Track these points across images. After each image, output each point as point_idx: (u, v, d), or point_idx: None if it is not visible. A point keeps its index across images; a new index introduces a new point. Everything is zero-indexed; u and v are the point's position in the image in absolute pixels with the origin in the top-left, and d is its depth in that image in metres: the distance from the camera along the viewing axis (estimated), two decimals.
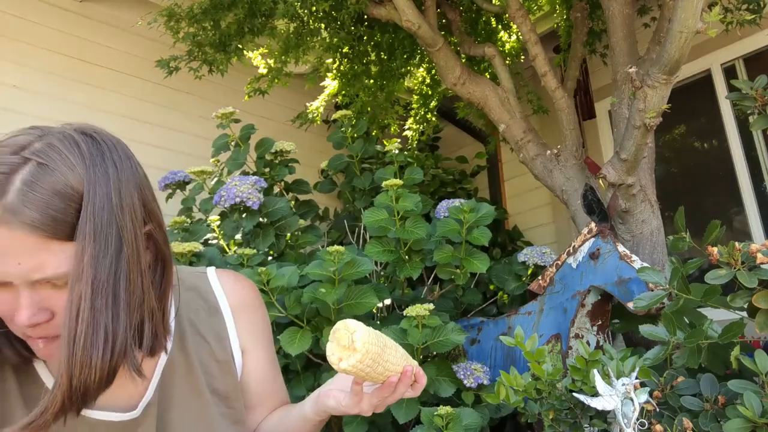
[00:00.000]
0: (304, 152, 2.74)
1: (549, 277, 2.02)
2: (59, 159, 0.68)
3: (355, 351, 0.74)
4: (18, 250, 0.65)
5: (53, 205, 0.66)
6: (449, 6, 2.85)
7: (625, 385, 1.01)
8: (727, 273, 1.12)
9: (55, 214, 0.66)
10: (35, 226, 0.65)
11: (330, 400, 0.85)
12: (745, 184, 2.95)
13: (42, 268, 0.66)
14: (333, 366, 0.75)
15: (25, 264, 0.66)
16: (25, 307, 0.68)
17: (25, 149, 0.68)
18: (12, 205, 0.64)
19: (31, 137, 0.70)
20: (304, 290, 1.87)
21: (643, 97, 1.74)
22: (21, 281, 0.67)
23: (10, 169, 0.66)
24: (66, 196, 0.67)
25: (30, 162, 0.67)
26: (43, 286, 0.69)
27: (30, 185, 0.65)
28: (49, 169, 0.67)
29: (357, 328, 0.75)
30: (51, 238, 0.66)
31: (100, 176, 0.69)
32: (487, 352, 2.15)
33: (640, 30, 2.67)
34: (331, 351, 0.76)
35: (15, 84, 2.81)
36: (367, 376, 0.77)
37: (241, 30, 2.46)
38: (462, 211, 2.08)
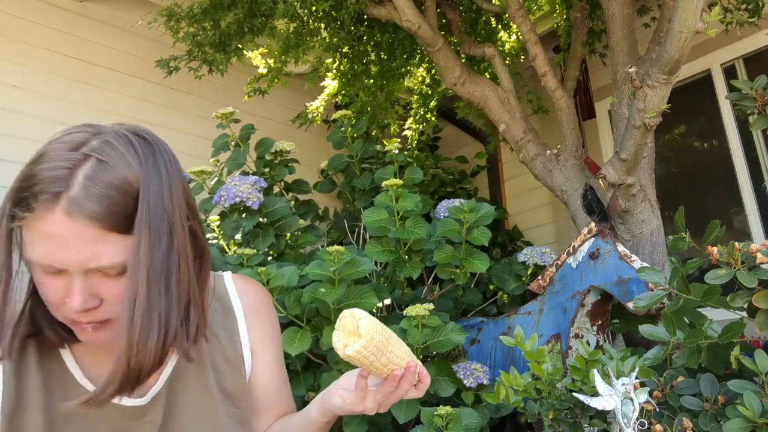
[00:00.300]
0: (304, 152, 2.74)
1: (549, 277, 2.02)
2: (117, 156, 0.73)
3: (360, 337, 0.75)
4: (78, 240, 0.70)
5: (113, 198, 0.70)
6: (449, 6, 2.85)
7: (625, 385, 1.01)
8: (727, 273, 1.12)
9: (114, 208, 0.71)
10: (96, 218, 0.69)
11: (335, 398, 0.86)
12: (745, 184, 2.95)
13: (98, 257, 0.71)
14: (339, 353, 0.77)
15: (84, 253, 0.70)
16: (78, 293, 0.72)
17: (83, 146, 0.73)
18: (76, 197, 0.69)
19: (87, 135, 0.74)
20: (304, 290, 1.87)
21: (643, 97, 1.74)
22: (77, 269, 0.71)
23: (72, 164, 0.70)
24: (124, 191, 0.71)
25: (90, 158, 0.71)
26: (95, 274, 0.73)
27: (92, 180, 0.70)
28: (108, 165, 0.71)
29: (362, 316, 0.77)
30: (109, 230, 0.71)
31: (153, 174, 0.74)
32: (487, 352, 2.15)
33: (640, 30, 2.67)
34: (337, 338, 0.78)
35: (15, 84, 2.81)
36: (371, 365, 0.78)
37: (240, 30, 2.46)
38: (462, 211, 2.08)
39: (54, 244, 0.70)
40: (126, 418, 0.83)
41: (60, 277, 0.73)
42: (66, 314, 0.75)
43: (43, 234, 0.70)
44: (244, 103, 3.00)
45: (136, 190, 0.72)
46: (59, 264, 0.71)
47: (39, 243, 0.71)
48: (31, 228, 0.71)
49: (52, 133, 2.66)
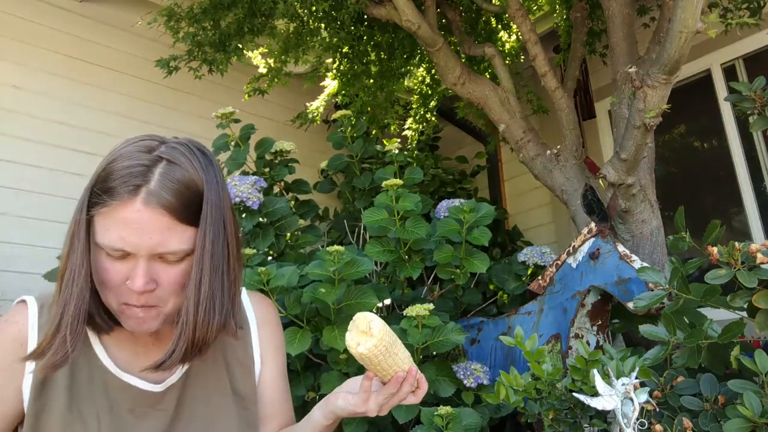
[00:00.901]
0: (304, 152, 2.74)
1: (549, 277, 2.02)
2: (184, 160, 0.84)
3: (372, 336, 0.83)
4: (153, 226, 0.80)
5: (184, 193, 0.82)
6: (449, 6, 2.85)
7: (625, 385, 1.01)
8: (727, 273, 1.12)
9: (185, 201, 0.82)
10: (169, 209, 0.80)
11: (339, 400, 0.93)
12: (745, 184, 2.95)
13: (166, 243, 0.81)
14: (351, 351, 0.85)
15: (155, 239, 0.80)
16: (141, 275, 0.81)
17: (155, 150, 0.84)
18: (154, 190, 0.80)
19: (156, 142, 0.86)
20: (304, 290, 1.87)
21: (643, 97, 1.74)
22: (145, 253, 0.81)
23: (150, 162, 0.82)
24: (191, 188, 0.83)
25: (163, 160, 0.83)
26: (156, 260, 0.82)
27: (167, 176, 0.81)
28: (178, 166, 0.83)
29: (374, 318, 0.85)
30: (178, 220, 0.81)
31: (211, 178, 0.86)
32: (487, 352, 2.15)
33: (640, 30, 2.67)
34: (350, 337, 0.86)
35: (15, 84, 2.81)
36: (379, 365, 0.85)
37: (240, 30, 2.46)
38: (462, 211, 2.07)
39: (130, 229, 0.79)
40: (141, 402, 0.90)
41: (124, 262, 0.82)
42: (122, 297, 0.83)
43: (121, 220, 0.80)
44: (244, 103, 2.99)
45: (200, 189, 0.84)
46: (131, 248, 0.80)
47: (115, 228, 0.80)
48: (109, 215, 0.80)
49: (52, 133, 2.70)
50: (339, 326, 1.81)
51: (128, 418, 0.89)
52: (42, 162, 2.80)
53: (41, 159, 2.80)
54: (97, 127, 3.03)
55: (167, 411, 0.91)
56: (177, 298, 0.86)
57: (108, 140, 3.02)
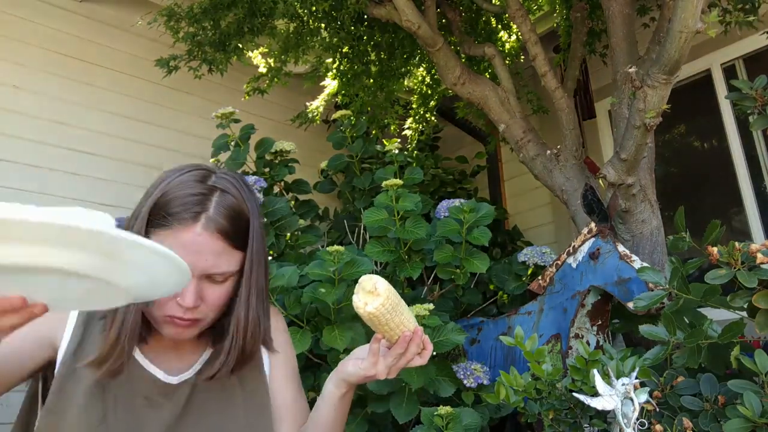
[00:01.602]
0: (304, 152, 2.74)
1: (549, 277, 2.02)
2: (234, 190, 0.95)
3: (378, 295, 0.87)
4: (209, 249, 0.89)
5: (235, 219, 0.92)
6: (449, 6, 2.85)
7: (625, 385, 1.01)
8: (727, 273, 1.12)
9: (236, 228, 0.92)
10: (224, 234, 0.90)
11: (349, 366, 0.98)
12: (745, 184, 2.94)
13: (218, 265, 0.91)
14: (359, 311, 0.89)
15: (210, 260, 0.90)
16: (191, 292, 0.89)
17: (207, 180, 0.95)
18: (213, 217, 0.90)
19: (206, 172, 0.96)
20: (304, 290, 1.87)
21: (643, 97, 1.74)
22: (198, 273, 0.89)
23: (207, 191, 0.92)
24: (242, 217, 0.94)
25: (217, 189, 0.93)
26: (205, 280, 0.91)
27: (222, 204, 0.92)
28: (230, 195, 0.94)
29: (379, 279, 0.89)
30: (230, 245, 0.92)
31: (254, 206, 0.97)
32: (487, 352, 2.15)
33: (640, 30, 2.67)
34: (357, 299, 0.89)
35: (15, 84, 2.81)
36: (387, 324, 0.89)
37: (240, 30, 2.46)
38: (462, 211, 2.07)
39: (188, 251, 0.87)
40: (158, 392, 0.96)
41: None
42: (168, 311, 0.91)
43: (180, 242, 0.88)
44: (244, 103, 2.99)
45: (248, 216, 0.95)
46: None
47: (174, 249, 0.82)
48: (170, 236, 0.88)
49: (52, 133, 2.69)
50: (339, 326, 1.81)
51: (142, 405, 0.94)
52: (42, 162, 2.80)
53: (41, 159, 2.80)
54: (97, 127, 3.03)
55: (178, 404, 0.96)
56: (216, 314, 0.96)
57: (108, 140, 3.04)
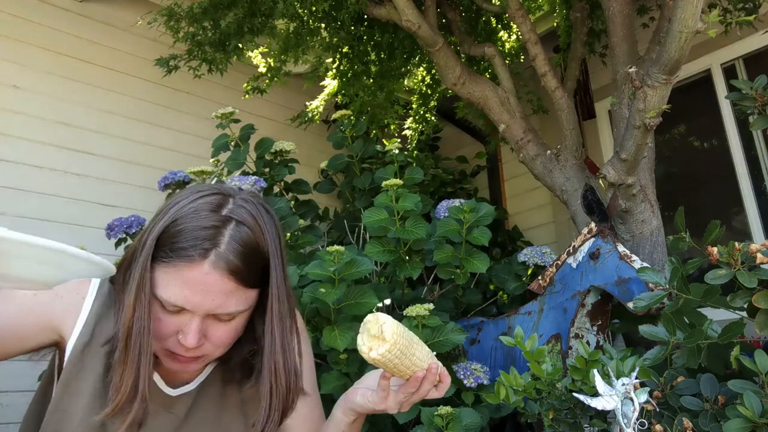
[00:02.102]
0: (304, 152, 2.74)
1: (549, 277, 2.02)
2: (251, 220, 0.86)
3: (385, 341, 0.79)
4: (217, 289, 0.81)
5: (250, 256, 0.83)
6: (449, 6, 2.85)
7: (625, 385, 1.01)
8: (726, 273, 1.12)
9: (250, 265, 0.83)
10: (235, 273, 0.82)
11: (357, 397, 0.92)
12: (745, 184, 2.94)
13: (226, 305, 0.83)
14: (363, 356, 0.81)
15: (217, 301, 0.82)
16: (194, 332, 0.82)
17: (222, 208, 0.85)
18: (224, 254, 0.81)
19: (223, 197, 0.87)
20: (304, 290, 1.87)
21: (643, 97, 1.74)
22: (203, 312, 0.82)
23: (219, 223, 0.83)
24: (258, 251, 0.85)
25: (232, 220, 0.84)
26: (211, 318, 0.84)
27: (235, 239, 0.83)
28: (245, 227, 0.84)
29: (386, 320, 0.80)
30: (241, 285, 0.83)
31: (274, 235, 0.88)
32: (487, 352, 2.15)
33: (640, 30, 2.67)
34: (361, 341, 0.81)
35: (15, 84, 2.81)
36: (395, 368, 0.81)
37: (240, 29, 2.46)
38: (462, 211, 2.07)
39: (194, 289, 0.80)
40: (159, 403, 0.91)
41: (178, 316, 0.83)
42: (169, 347, 0.85)
43: (186, 280, 0.80)
44: (244, 103, 2.99)
45: (265, 252, 0.85)
46: (191, 306, 0.81)
47: (179, 286, 0.81)
48: (175, 273, 0.81)
49: (52, 133, 2.70)
50: (339, 326, 1.81)
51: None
52: (42, 162, 2.80)
53: (41, 159, 2.80)
54: (97, 127, 3.03)
55: (177, 416, 0.92)
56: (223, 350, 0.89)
57: (108, 140, 3.04)
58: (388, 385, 0.87)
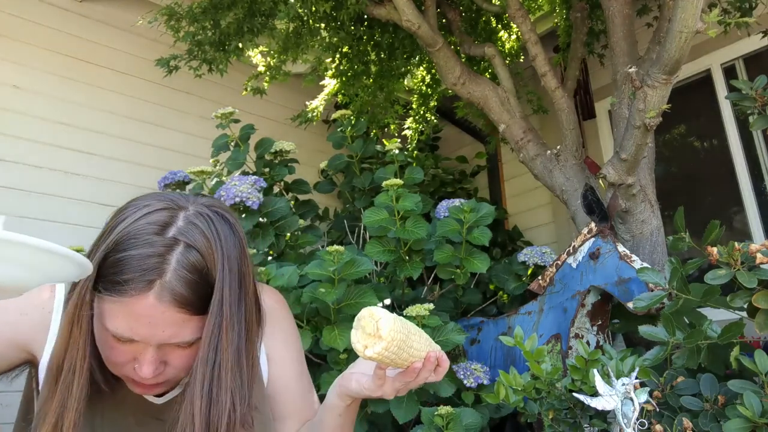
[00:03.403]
0: (303, 152, 2.74)
1: (549, 277, 2.02)
2: (201, 240, 0.77)
3: (381, 339, 0.74)
4: (166, 321, 0.75)
5: (197, 284, 0.76)
6: (449, 6, 2.85)
7: (625, 385, 1.01)
8: (726, 273, 1.12)
9: (200, 293, 0.76)
10: (183, 303, 0.75)
11: (352, 383, 0.87)
12: (745, 184, 2.94)
13: (179, 335, 0.76)
14: (358, 353, 0.76)
15: (167, 332, 0.75)
16: (149, 362, 0.77)
17: (170, 227, 0.77)
18: (169, 284, 0.74)
19: (171, 214, 0.78)
20: (304, 290, 1.87)
21: (643, 97, 1.74)
22: (156, 343, 0.76)
23: (164, 250, 0.75)
24: (206, 276, 0.77)
25: (180, 243, 0.76)
26: (167, 346, 0.78)
27: (183, 266, 0.75)
28: (195, 250, 0.76)
29: (382, 316, 0.76)
30: (192, 314, 0.76)
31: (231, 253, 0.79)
32: (487, 352, 2.15)
33: (640, 30, 2.67)
34: (356, 338, 0.77)
35: (15, 84, 2.81)
36: (391, 362, 0.78)
37: (240, 29, 2.46)
38: (462, 211, 2.07)
39: (140, 322, 0.74)
40: (146, 413, 0.88)
41: (131, 345, 0.77)
42: (128, 374, 0.80)
43: (131, 313, 0.74)
44: (244, 103, 2.99)
45: (214, 273, 0.77)
46: (139, 338, 0.76)
47: (124, 319, 0.75)
48: (119, 306, 0.74)
49: (52, 133, 2.70)
50: (339, 326, 1.81)
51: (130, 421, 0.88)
52: (42, 162, 2.80)
53: (41, 159, 2.80)
54: (97, 127, 3.03)
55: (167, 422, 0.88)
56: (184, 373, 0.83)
57: (108, 140, 3.04)
58: (384, 374, 0.83)
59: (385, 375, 0.83)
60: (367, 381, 0.85)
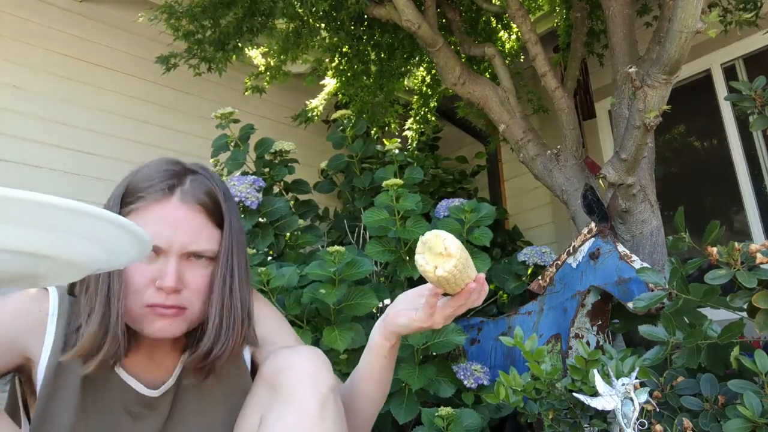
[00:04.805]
0: (303, 152, 2.74)
1: (549, 277, 2.02)
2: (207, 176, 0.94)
3: (451, 256, 0.76)
4: (188, 223, 0.86)
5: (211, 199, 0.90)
6: (449, 6, 2.85)
7: (625, 385, 1.01)
8: (726, 273, 1.12)
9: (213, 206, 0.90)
10: (203, 207, 0.88)
11: (400, 318, 0.90)
12: (745, 184, 2.94)
13: (198, 241, 0.87)
14: (428, 275, 0.77)
15: (189, 236, 0.86)
16: (172, 273, 0.84)
17: (179, 165, 0.93)
18: (189, 190, 0.88)
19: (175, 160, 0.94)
20: (304, 290, 1.87)
21: (643, 97, 1.74)
22: (177, 249, 0.85)
23: (182, 171, 0.91)
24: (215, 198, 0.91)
25: (190, 172, 0.92)
26: (185, 260, 0.86)
27: (197, 182, 0.90)
28: (204, 178, 0.92)
29: (447, 236, 0.77)
30: (210, 220, 0.89)
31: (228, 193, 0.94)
32: (487, 352, 2.15)
33: (640, 30, 2.67)
34: (424, 261, 0.77)
35: (15, 84, 2.81)
36: (453, 283, 0.79)
37: (240, 29, 2.46)
38: (463, 211, 2.07)
39: (165, 224, 0.84)
40: (138, 404, 0.90)
41: (153, 264, 0.84)
42: (148, 299, 0.84)
43: (157, 216, 0.84)
44: (244, 103, 2.99)
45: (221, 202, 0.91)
46: (165, 243, 0.84)
47: (151, 224, 0.84)
48: (145, 213, 0.85)
49: (52, 133, 2.70)
50: (339, 326, 1.81)
51: (125, 418, 0.89)
52: (42, 162, 2.80)
53: (41, 159, 2.80)
54: (97, 127, 3.03)
55: (162, 414, 0.92)
56: (202, 304, 0.88)
57: (108, 140, 3.04)
58: (436, 301, 0.85)
59: (437, 304, 0.85)
60: (417, 313, 0.87)
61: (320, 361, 0.86)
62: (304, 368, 0.83)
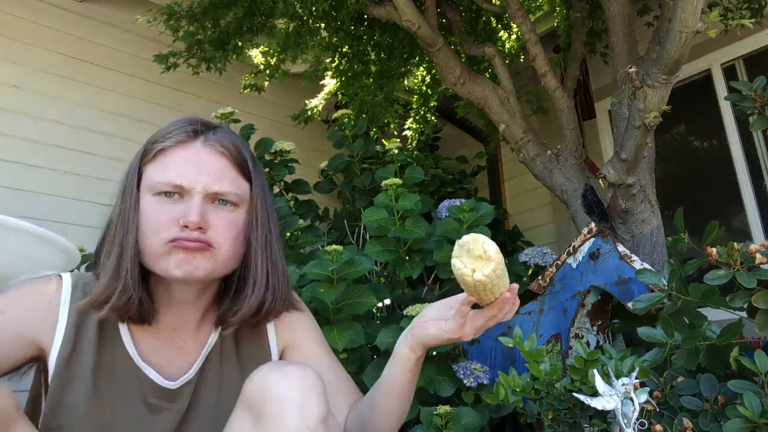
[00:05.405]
0: (303, 152, 2.74)
1: (549, 277, 2.02)
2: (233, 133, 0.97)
3: (490, 259, 0.74)
4: (211, 164, 0.88)
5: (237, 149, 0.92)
6: (449, 6, 2.85)
7: (625, 385, 1.01)
8: (726, 273, 1.12)
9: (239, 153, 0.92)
10: (226, 152, 0.90)
11: (430, 329, 0.87)
12: (745, 184, 2.94)
13: (221, 182, 0.88)
14: (465, 279, 0.75)
15: (212, 176, 0.87)
16: (196, 211, 0.84)
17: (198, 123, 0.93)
18: (214, 136, 0.91)
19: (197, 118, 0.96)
20: (303, 290, 1.87)
21: (643, 97, 1.74)
22: (201, 189, 0.86)
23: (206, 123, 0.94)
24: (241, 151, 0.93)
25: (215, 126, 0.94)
26: (209, 203, 0.87)
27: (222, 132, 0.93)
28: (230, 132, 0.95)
29: (485, 240, 0.76)
30: (234, 165, 0.91)
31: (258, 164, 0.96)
32: (487, 352, 2.15)
33: (641, 30, 2.67)
34: (462, 264, 0.75)
35: (15, 84, 2.81)
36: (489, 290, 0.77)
37: (240, 29, 2.46)
38: (462, 211, 2.07)
39: (189, 164, 0.86)
40: (156, 396, 0.89)
41: (177, 203, 0.86)
42: (172, 234, 0.84)
43: (180, 158, 0.86)
44: (244, 103, 2.99)
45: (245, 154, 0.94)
46: (188, 183, 0.85)
47: (174, 165, 0.86)
48: (168, 155, 0.87)
49: (52, 133, 2.71)
50: (338, 326, 1.81)
51: (143, 410, 0.88)
52: (42, 162, 2.80)
53: (41, 159, 2.80)
54: (97, 127, 3.03)
55: (180, 408, 0.90)
56: (229, 246, 0.88)
57: (108, 140, 3.04)
58: (468, 311, 0.82)
59: (468, 314, 0.83)
60: (448, 324, 0.85)
61: (309, 387, 0.79)
62: (290, 398, 0.76)
